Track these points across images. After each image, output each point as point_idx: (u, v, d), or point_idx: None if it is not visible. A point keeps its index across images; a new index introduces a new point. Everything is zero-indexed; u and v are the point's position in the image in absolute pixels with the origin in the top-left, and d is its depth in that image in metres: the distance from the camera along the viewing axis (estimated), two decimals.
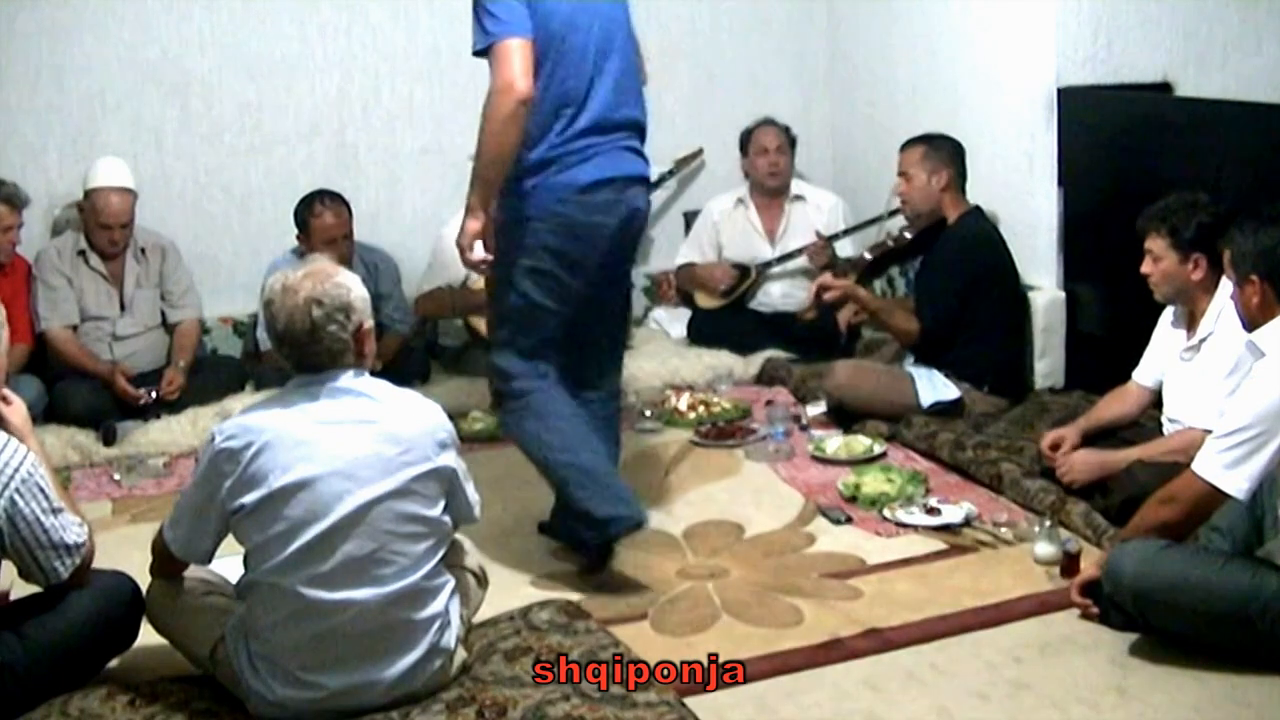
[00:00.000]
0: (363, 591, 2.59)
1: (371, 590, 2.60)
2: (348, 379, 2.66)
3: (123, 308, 4.88)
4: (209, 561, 2.74)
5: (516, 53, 3.26)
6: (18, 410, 2.81)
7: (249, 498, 2.57)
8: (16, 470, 2.58)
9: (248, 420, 2.62)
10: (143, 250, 4.91)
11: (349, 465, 2.58)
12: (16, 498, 2.57)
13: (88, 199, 4.78)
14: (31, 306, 4.75)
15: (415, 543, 2.64)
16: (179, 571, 2.82)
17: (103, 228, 4.76)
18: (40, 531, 2.62)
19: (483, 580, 3.00)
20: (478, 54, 3.32)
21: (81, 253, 4.82)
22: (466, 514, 2.81)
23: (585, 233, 3.42)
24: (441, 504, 2.71)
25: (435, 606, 2.69)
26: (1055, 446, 3.78)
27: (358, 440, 2.61)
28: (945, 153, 4.57)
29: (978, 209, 4.62)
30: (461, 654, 2.78)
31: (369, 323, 2.69)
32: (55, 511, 2.64)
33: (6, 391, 2.81)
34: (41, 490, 2.61)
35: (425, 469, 2.65)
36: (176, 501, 2.73)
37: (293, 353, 2.64)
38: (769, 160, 5.44)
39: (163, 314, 4.97)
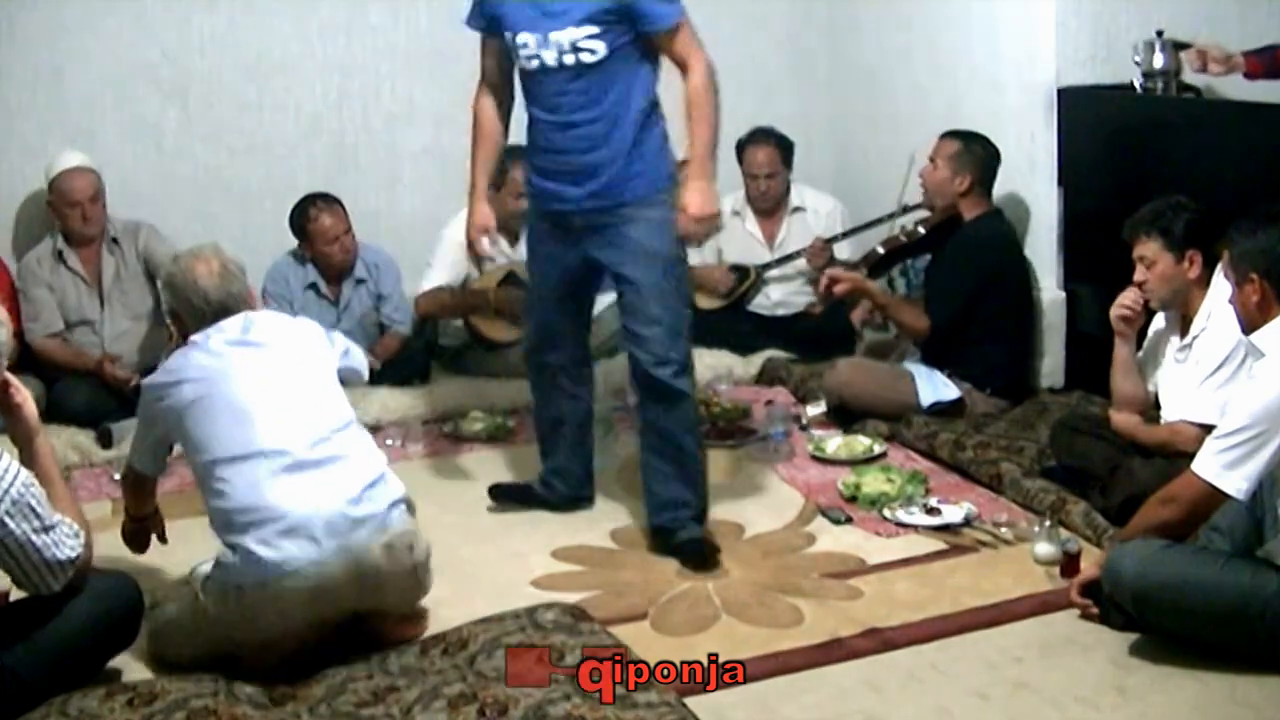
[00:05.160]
0: (299, 429, 2.95)
1: (312, 420, 2.97)
2: (244, 320, 3.07)
3: (102, 304, 4.83)
4: (164, 468, 3.25)
5: None
6: (28, 404, 2.81)
7: (185, 402, 2.96)
8: (6, 492, 2.57)
9: (168, 363, 3.10)
10: (115, 240, 4.84)
11: (263, 370, 3.01)
12: (6, 519, 2.56)
13: (53, 189, 4.75)
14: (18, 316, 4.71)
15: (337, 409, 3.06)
16: (151, 492, 3.29)
17: (72, 205, 4.72)
18: (31, 551, 2.62)
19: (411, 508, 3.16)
20: (665, 31, 3.63)
21: (59, 253, 4.79)
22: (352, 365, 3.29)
23: None
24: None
25: (375, 453, 3.06)
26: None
27: (263, 354, 3.04)
28: (976, 158, 4.56)
29: (998, 211, 4.61)
30: (423, 542, 3.04)
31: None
32: (47, 529, 2.64)
33: (16, 383, 2.80)
34: (33, 510, 2.61)
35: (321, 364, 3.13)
36: (131, 441, 3.21)
37: (206, 312, 3.06)
38: (758, 186, 5.41)
39: (156, 301, 4.92)
